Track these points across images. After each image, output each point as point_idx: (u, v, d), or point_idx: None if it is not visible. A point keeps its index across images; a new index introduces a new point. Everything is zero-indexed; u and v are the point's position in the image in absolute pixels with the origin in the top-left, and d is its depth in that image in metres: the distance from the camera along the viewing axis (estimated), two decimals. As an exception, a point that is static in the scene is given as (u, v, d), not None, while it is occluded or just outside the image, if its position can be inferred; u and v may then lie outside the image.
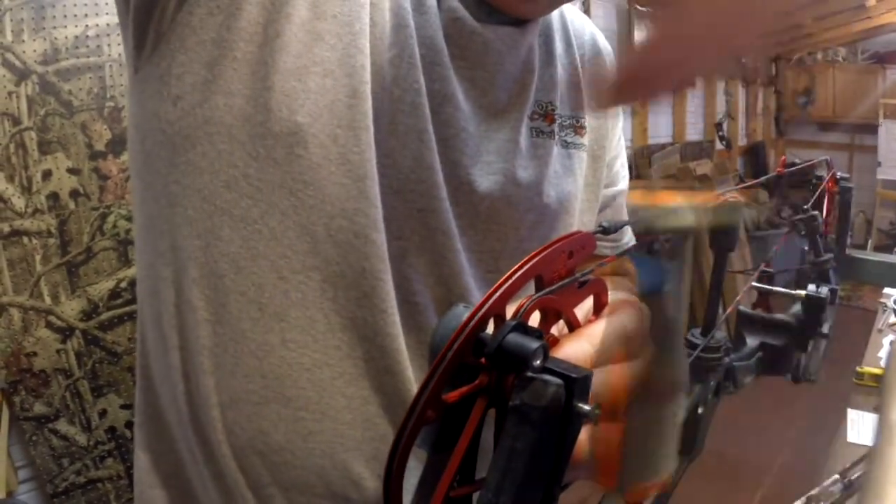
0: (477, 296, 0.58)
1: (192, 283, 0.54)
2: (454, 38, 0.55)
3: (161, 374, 0.61)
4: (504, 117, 0.59)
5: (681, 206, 0.28)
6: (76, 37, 1.62)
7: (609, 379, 0.31)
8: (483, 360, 0.26)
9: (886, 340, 1.78)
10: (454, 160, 0.56)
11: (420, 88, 0.53)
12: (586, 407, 0.25)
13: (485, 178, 0.57)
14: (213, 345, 0.54)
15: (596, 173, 0.69)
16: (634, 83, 0.29)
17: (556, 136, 0.63)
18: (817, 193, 0.72)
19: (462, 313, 0.26)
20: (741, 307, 0.64)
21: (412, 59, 0.53)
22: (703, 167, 4.10)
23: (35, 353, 1.63)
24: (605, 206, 0.74)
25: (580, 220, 0.67)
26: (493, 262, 0.61)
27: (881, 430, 0.19)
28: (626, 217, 0.79)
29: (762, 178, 4.23)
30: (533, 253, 0.28)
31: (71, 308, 1.69)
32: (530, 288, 0.28)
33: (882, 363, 1.62)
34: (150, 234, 0.57)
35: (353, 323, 0.54)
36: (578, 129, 0.65)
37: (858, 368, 1.59)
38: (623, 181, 0.79)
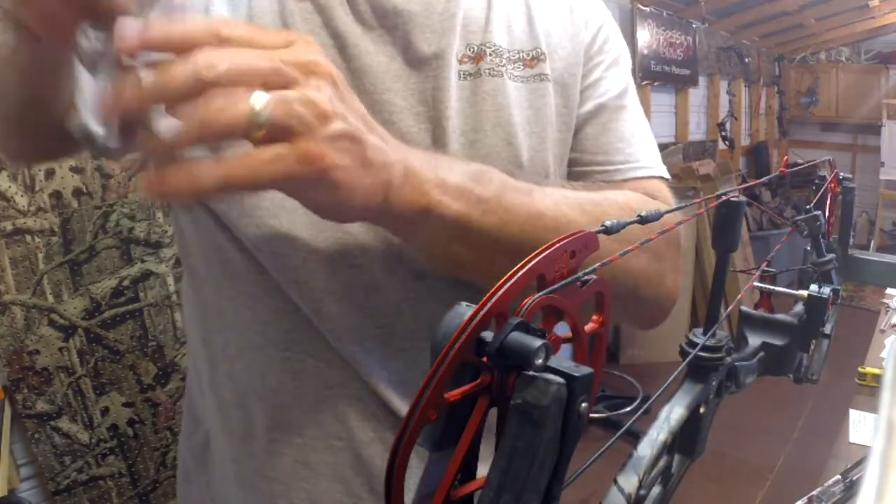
0: None
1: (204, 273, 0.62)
2: (361, 13, 0.57)
3: (192, 358, 0.69)
4: (427, 66, 0.59)
5: None
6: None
7: None
8: (485, 359, 0.26)
9: (888, 341, 1.77)
10: (387, 120, 0.57)
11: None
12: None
13: (416, 127, 0.59)
14: (219, 305, 0.61)
15: (567, 101, 0.66)
16: None
17: (490, 74, 0.61)
18: (820, 193, 0.72)
19: (464, 312, 0.26)
20: (743, 307, 0.64)
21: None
22: (706, 167, 4.10)
23: (37, 351, 1.64)
24: (580, 128, 0.68)
25: (552, 150, 0.65)
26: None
27: (881, 430, 0.19)
28: (610, 134, 0.69)
29: (765, 178, 4.22)
30: (535, 252, 0.28)
31: (73, 306, 1.70)
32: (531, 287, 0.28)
33: (884, 364, 1.62)
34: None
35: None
36: (530, 61, 0.64)
37: (860, 369, 1.59)
38: (607, 94, 0.68)
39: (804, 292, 0.60)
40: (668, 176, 0.73)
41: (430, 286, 0.58)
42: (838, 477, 1.12)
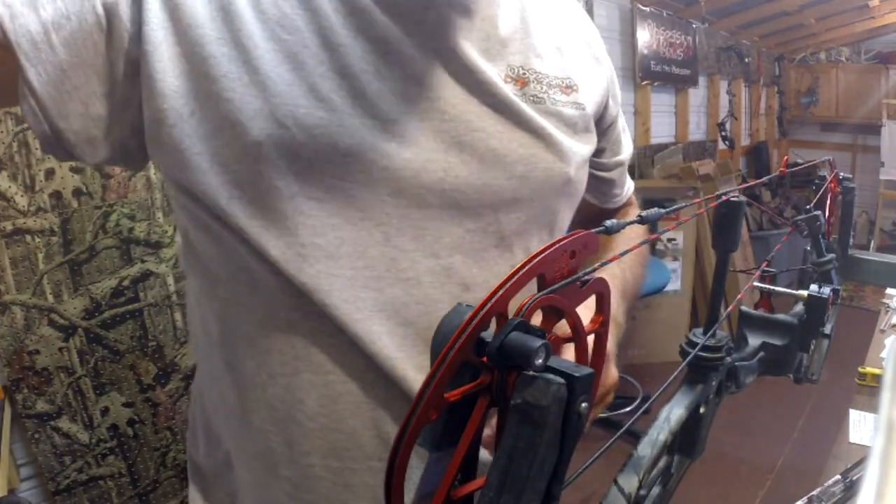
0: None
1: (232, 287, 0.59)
2: (401, 16, 0.56)
3: (211, 376, 0.66)
4: (475, 80, 0.58)
5: None
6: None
7: None
8: (485, 358, 0.26)
9: (888, 341, 1.77)
10: (440, 129, 0.57)
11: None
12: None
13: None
14: (249, 330, 0.58)
15: (593, 130, 0.70)
16: None
17: (534, 101, 0.62)
18: (820, 193, 0.72)
19: (464, 312, 0.26)
20: (743, 307, 0.64)
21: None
22: (706, 167, 4.10)
23: (37, 351, 1.64)
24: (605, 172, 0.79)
25: (576, 174, 0.67)
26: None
27: (881, 430, 0.19)
28: (619, 186, 0.83)
29: (765, 178, 4.21)
30: (535, 252, 0.28)
31: (73, 306, 1.70)
32: (532, 287, 0.28)
33: (884, 364, 1.62)
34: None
35: None
36: (565, 89, 0.64)
37: (860, 369, 1.59)
38: (625, 150, 0.80)
39: (804, 292, 0.60)
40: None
41: (480, 298, 0.58)
42: (838, 477, 1.12)
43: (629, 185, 0.86)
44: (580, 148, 0.65)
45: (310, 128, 0.51)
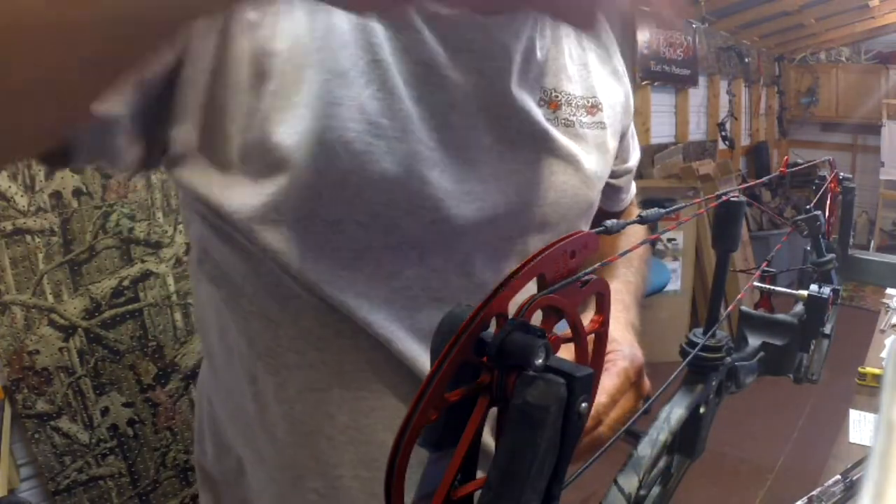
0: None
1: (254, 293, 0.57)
2: (451, 42, 0.54)
3: (227, 385, 0.65)
4: (511, 108, 0.58)
5: None
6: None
7: None
8: (485, 359, 0.26)
9: (888, 341, 1.77)
10: (473, 157, 0.57)
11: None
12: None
13: (504, 167, 0.59)
14: (275, 345, 0.57)
15: (613, 148, 0.71)
16: None
17: (565, 124, 0.63)
18: (820, 193, 0.72)
19: (464, 312, 0.26)
20: (743, 307, 0.64)
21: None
22: (706, 167, 4.10)
23: (37, 351, 1.64)
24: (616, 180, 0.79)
25: (597, 196, 0.69)
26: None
27: (881, 430, 0.19)
28: (625, 191, 0.84)
29: (765, 178, 4.21)
30: (535, 252, 0.28)
31: (73, 306, 1.70)
32: (532, 287, 0.28)
33: (884, 364, 1.62)
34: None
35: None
36: (590, 108, 0.65)
37: (860, 369, 1.59)
38: (633, 157, 0.81)
39: (804, 292, 0.60)
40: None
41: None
42: (838, 477, 1.12)
43: (633, 189, 0.88)
44: (602, 171, 0.67)
45: (359, 154, 0.50)
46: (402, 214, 0.53)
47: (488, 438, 0.27)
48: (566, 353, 0.29)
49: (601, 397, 0.57)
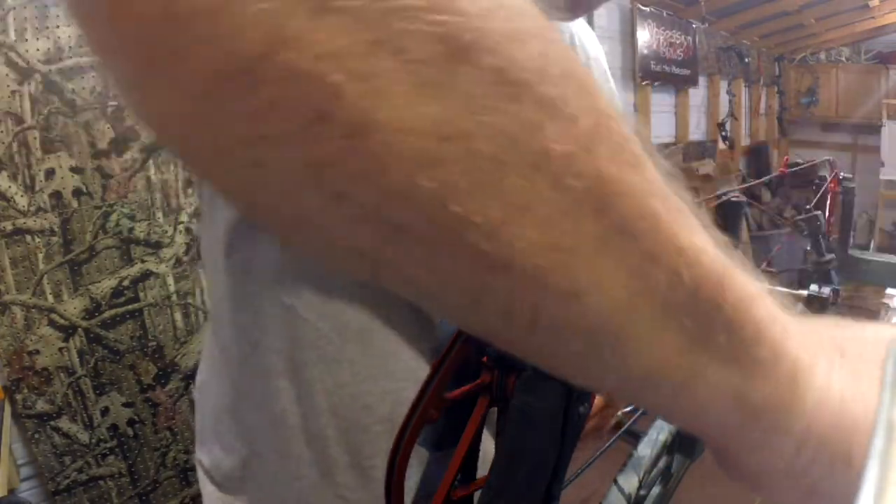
0: None
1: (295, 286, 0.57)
2: None
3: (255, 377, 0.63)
4: None
5: None
6: (79, 36, 1.62)
7: None
8: (485, 359, 0.26)
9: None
10: None
11: None
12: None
13: None
14: (315, 338, 0.57)
15: None
16: None
17: None
18: (820, 193, 0.72)
19: (464, 312, 0.26)
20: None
21: None
22: (706, 167, 4.10)
23: (37, 352, 1.64)
24: None
25: None
26: None
27: (881, 430, 0.19)
28: None
29: (765, 178, 4.22)
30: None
31: (73, 306, 1.70)
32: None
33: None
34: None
35: None
36: None
37: (860, 369, 1.59)
38: None
39: (804, 292, 0.60)
40: None
41: None
42: (838, 477, 1.12)
43: None
44: None
45: None
46: None
47: (488, 438, 0.27)
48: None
49: None
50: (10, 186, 1.55)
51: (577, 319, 0.20)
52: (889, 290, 2.03)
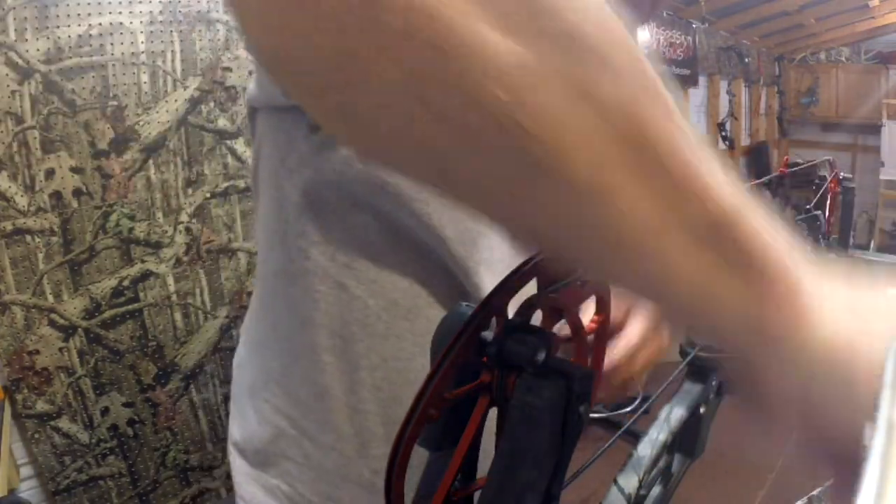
0: None
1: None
2: None
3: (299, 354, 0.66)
4: None
5: None
6: (79, 36, 1.62)
7: None
8: (485, 359, 0.26)
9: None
10: None
11: None
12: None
13: None
14: (363, 316, 0.59)
15: None
16: None
17: None
18: (820, 193, 0.72)
19: (464, 312, 0.26)
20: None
21: None
22: (706, 167, 4.09)
23: (37, 352, 1.64)
24: None
25: None
26: None
27: (881, 430, 0.19)
28: None
29: (765, 178, 4.21)
30: (535, 252, 0.28)
31: (73, 306, 1.70)
32: (532, 287, 0.28)
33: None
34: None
35: None
36: None
37: (860, 369, 1.59)
38: None
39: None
40: None
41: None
42: (838, 477, 1.12)
43: None
44: None
45: None
46: None
47: (488, 438, 0.27)
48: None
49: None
50: (10, 186, 1.55)
51: (612, 236, 0.25)
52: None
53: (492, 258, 0.58)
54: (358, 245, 0.58)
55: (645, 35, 3.79)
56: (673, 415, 0.44)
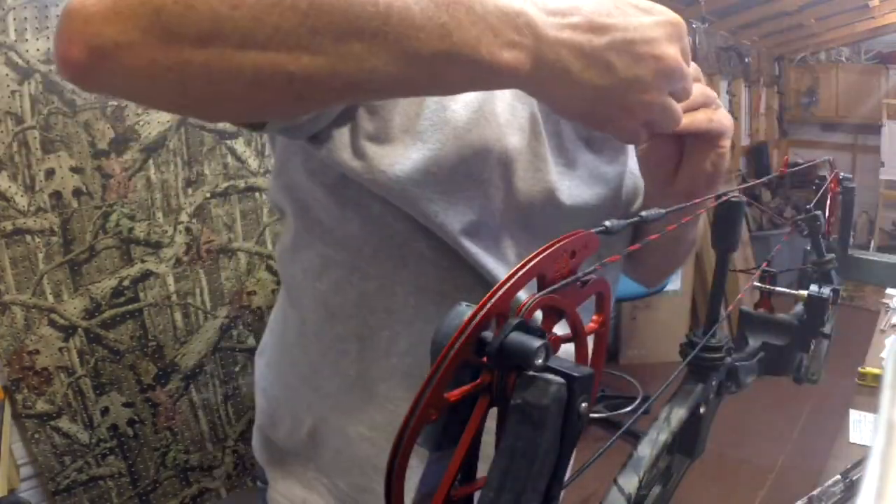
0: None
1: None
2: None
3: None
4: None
5: None
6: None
7: None
8: (485, 359, 0.26)
9: (889, 341, 1.77)
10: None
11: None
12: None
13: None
14: (391, 303, 0.62)
15: None
16: None
17: None
18: (820, 193, 0.72)
19: (464, 312, 0.26)
20: (743, 307, 0.64)
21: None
22: (706, 167, 4.08)
23: (37, 351, 1.64)
24: None
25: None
26: None
27: (881, 430, 0.19)
28: None
29: (765, 178, 4.20)
30: (535, 252, 0.28)
31: (73, 306, 1.70)
32: (532, 286, 0.28)
33: (884, 364, 1.61)
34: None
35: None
36: None
37: (860, 369, 1.59)
38: None
39: (804, 292, 0.60)
40: None
41: None
42: (838, 477, 1.12)
43: None
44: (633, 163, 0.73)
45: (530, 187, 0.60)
46: (538, 212, 0.62)
47: (488, 438, 0.27)
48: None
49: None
50: (10, 186, 1.55)
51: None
52: (889, 290, 2.03)
53: (497, 247, 0.60)
54: (381, 235, 0.60)
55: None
56: (673, 415, 0.44)
